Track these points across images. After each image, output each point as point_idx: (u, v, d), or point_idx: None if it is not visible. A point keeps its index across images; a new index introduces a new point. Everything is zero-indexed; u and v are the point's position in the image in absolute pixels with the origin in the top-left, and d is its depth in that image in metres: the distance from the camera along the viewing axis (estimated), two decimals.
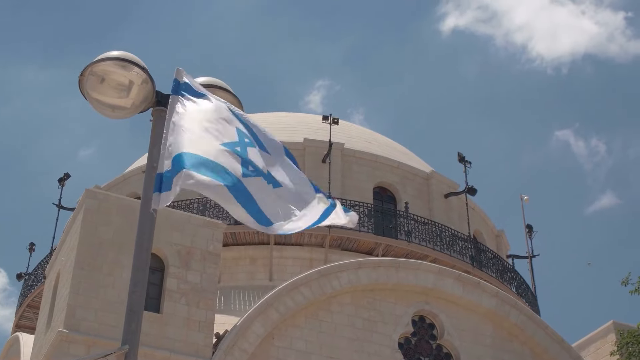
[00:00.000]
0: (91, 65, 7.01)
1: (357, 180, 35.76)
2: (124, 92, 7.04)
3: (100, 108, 7.12)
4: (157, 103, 7.08)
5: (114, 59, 7.00)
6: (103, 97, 7.08)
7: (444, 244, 34.49)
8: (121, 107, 7.10)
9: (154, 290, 25.75)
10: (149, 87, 7.06)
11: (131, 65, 7.00)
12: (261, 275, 32.40)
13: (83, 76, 7.01)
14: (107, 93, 7.08)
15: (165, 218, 26.46)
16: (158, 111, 7.08)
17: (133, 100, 7.08)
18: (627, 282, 24.71)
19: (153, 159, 6.80)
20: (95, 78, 7.02)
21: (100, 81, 7.03)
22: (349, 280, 28.51)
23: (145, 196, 6.73)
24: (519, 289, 36.89)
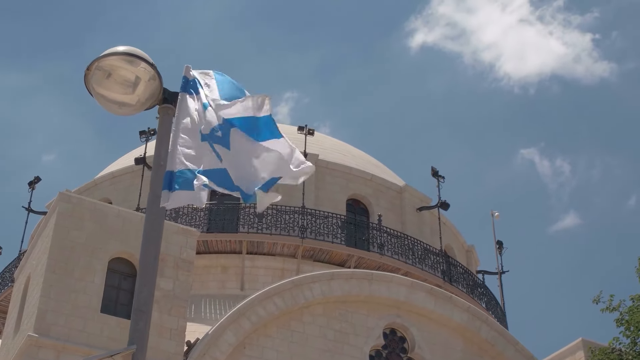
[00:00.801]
0: (98, 60, 6.88)
1: (331, 191, 35.72)
2: (130, 88, 6.92)
3: (106, 104, 6.99)
4: (163, 100, 6.97)
5: (122, 53, 6.87)
6: (108, 93, 6.96)
7: (416, 258, 34.52)
8: (126, 104, 6.98)
9: (126, 297, 25.46)
10: (156, 84, 6.95)
11: (139, 60, 6.89)
12: (232, 284, 32.21)
13: (89, 70, 6.88)
14: (112, 88, 6.94)
15: (138, 224, 26.24)
16: (165, 109, 6.98)
17: (139, 97, 6.96)
18: (599, 301, 24.81)
19: (160, 156, 6.70)
20: (101, 73, 6.89)
21: (107, 76, 6.89)
22: (322, 291, 28.44)
23: (153, 193, 6.62)
24: (489, 304, 37.00)
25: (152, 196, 6.61)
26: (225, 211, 33.28)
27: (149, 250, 6.57)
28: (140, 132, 35.15)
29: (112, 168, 39.12)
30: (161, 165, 6.66)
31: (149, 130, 35.09)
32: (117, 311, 25.05)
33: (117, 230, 25.86)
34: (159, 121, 6.97)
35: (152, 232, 6.56)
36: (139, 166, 35.42)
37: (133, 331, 6.40)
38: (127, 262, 25.90)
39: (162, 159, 6.68)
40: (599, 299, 24.79)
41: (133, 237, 25.97)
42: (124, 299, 25.45)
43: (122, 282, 25.66)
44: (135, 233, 26.03)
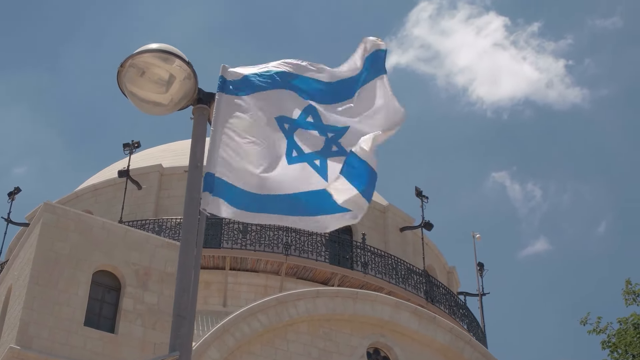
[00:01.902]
0: (132, 57, 6.68)
1: None
2: (163, 87, 6.72)
3: (139, 103, 6.79)
4: (198, 101, 6.78)
5: (158, 51, 6.67)
6: (141, 92, 6.75)
7: (399, 278, 34.38)
8: (159, 104, 6.78)
9: (109, 310, 25.11)
10: (191, 84, 6.75)
11: (175, 58, 6.69)
12: (215, 300, 31.88)
13: (123, 67, 6.68)
14: (145, 87, 6.73)
15: (123, 237, 25.95)
16: (200, 109, 6.77)
17: (172, 97, 6.75)
18: (586, 322, 24.78)
19: (197, 158, 6.51)
20: (135, 70, 6.68)
21: (141, 74, 6.70)
22: (307, 309, 28.22)
23: (190, 196, 6.42)
24: (470, 326, 36.90)
25: (189, 198, 6.41)
26: (209, 226, 32.97)
27: (186, 254, 6.37)
28: (124, 145, 34.83)
29: (94, 180, 38.74)
30: (197, 167, 6.47)
31: (133, 143, 34.79)
32: (101, 324, 24.68)
33: (101, 242, 25.52)
34: (194, 122, 6.75)
35: (189, 236, 6.36)
36: (121, 179, 35.07)
37: (174, 337, 6.17)
38: (111, 274, 25.56)
39: (198, 160, 6.49)
40: (586, 321, 24.77)
41: (118, 249, 25.67)
42: (107, 312, 25.09)
43: (106, 295, 25.30)
44: (120, 246, 25.73)
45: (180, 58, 6.70)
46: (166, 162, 36.58)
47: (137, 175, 34.88)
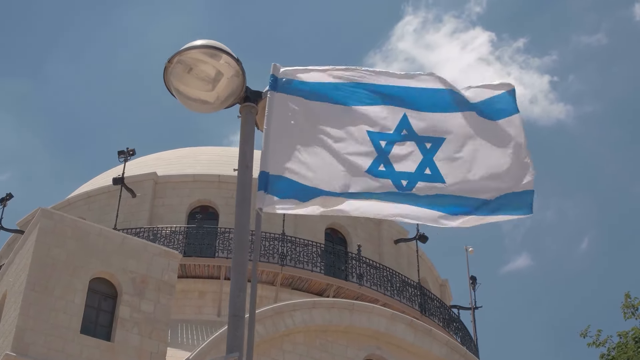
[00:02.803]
0: (180, 53, 6.52)
1: (311, 220, 35.31)
2: (209, 84, 6.56)
3: (185, 101, 6.63)
4: (245, 99, 6.62)
5: (206, 47, 6.51)
6: (186, 89, 6.60)
7: (394, 290, 34.23)
8: (206, 101, 6.62)
9: (106, 318, 24.86)
10: (239, 81, 6.58)
11: (224, 55, 6.53)
12: (209, 310, 31.61)
13: (170, 63, 6.52)
14: (191, 84, 6.57)
15: (120, 244, 25.73)
16: (247, 107, 6.61)
17: (218, 94, 6.58)
18: (586, 335, 24.73)
19: (247, 158, 6.35)
20: (182, 67, 6.52)
21: (188, 70, 6.54)
22: (303, 319, 28.03)
23: (241, 196, 6.26)
24: (464, 339, 36.77)
25: (241, 198, 6.25)
26: (204, 235, 32.76)
27: (240, 253, 6.21)
28: (119, 152, 34.56)
29: (86, 187, 38.46)
30: (247, 167, 6.32)
31: (128, 151, 34.54)
32: (97, 332, 24.43)
33: (98, 249, 25.28)
34: (243, 120, 6.58)
35: (242, 236, 6.20)
36: (115, 186, 34.81)
37: (232, 338, 6.02)
38: (108, 282, 25.32)
39: (248, 160, 6.34)
40: (586, 333, 24.72)
41: (114, 257, 25.44)
42: (103, 320, 24.84)
43: (102, 303, 25.05)
44: (116, 253, 25.50)
45: (229, 54, 6.55)
46: (160, 170, 36.34)
47: (131, 183, 34.63)
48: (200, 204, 35.12)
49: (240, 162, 6.37)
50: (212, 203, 35.11)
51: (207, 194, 35.17)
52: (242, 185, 6.27)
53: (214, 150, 40.84)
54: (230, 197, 35.07)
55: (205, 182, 35.43)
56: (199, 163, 37.31)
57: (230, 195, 35.08)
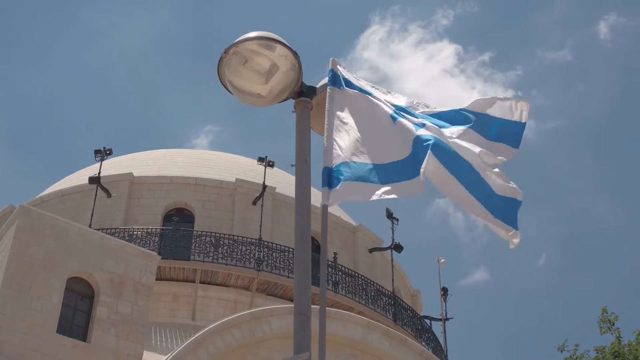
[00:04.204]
0: (236, 44, 6.36)
1: (287, 225, 35.15)
2: (263, 77, 6.42)
3: (238, 93, 6.47)
4: (299, 94, 6.48)
5: (264, 38, 6.36)
6: (240, 81, 6.44)
7: (368, 298, 34.17)
8: (258, 94, 6.48)
9: (82, 318, 24.49)
10: (295, 75, 6.44)
11: (282, 47, 6.39)
12: (184, 314, 31.30)
13: (226, 54, 6.35)
14: (245, 76, 6.43)
15: (99, 244, 25.39)
16: (303, 102, 6.47)
17: (271, 88, 6.44)
18: (563, 349, 24.87)
19: (304, 152, 6.21)
20: (238, 58, 6.37)
21: (243, 62, 6.39)
22: (280, 325, 27.80)
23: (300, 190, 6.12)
24: (434, 350, 36.77)
25: (300, 192, 6.11)
26: (180, 238, 32.46)
27: (302, 250, 6.07)
28: (95, 151, 34.16)
29: (60, 186, 37.95)
30: (306, 162, 6.18)
31: (105, 150, 34.16)
32: (73, 332, 24.05)
33: (77, 248, 24.92)
34: (298, 116, 6.43)
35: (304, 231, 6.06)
36: (90, 185, 34.40)
37: (300, 338, 5.87)
38: (85, 282, 24.97)
39: (306, 155, 6.20)
40: (563, 348, 24.86)
41: (93, 256, 25.10)
42: (80, 320, 24.46)
43: (79, 303, 24.68)
44: (95, 253, 25.16)
45: (287, 47, 6.40)
46: (136, 171, 35.98)
47: (107, 183, 34.24)
48: (176, 206, 34.81)
49: (298, 156, 6.23)
50: (188, 205, 34.82)
51: (183, 196, 34.88)
52: (300, 179, 6.14)
53: (190, 153, 40.57)
54: (207, 200, 34.83)
55: (182, 184, 35.14)
56: (176, 165, 37.00)
57: (206, 199, 34.84)
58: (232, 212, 34.48)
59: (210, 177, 35.85)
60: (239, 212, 34.43)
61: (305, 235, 6.18)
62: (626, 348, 23.58)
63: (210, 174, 36.28)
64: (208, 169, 36.86)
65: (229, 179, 35.73)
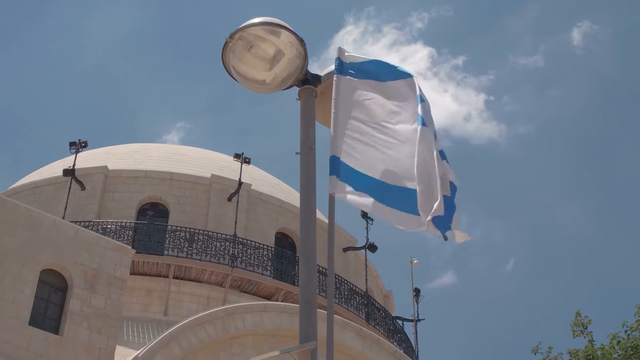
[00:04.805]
0: (242, 29, 6.27)
1: (261, 223, 35.07)
2: (267, 64, 6.34)
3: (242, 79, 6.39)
4: (304, 82, 6.40)
5: (271, 24, 6.28)
6: (243, 67, 6.36)
7: (342, 298, 34.13)
8: (262, 81, 6.39)
9: (55, 311, 24.20)
10: (300, 63, 6.36)
11: (289, 34, 6.31)
12: (156, 308, 31.07)
13: (232, 38, 6.26)
14: (249, 62, 6.34)
15: (73, 236, 25.13)
16: (307, 90, 6.39)
17: (275, 75, 6.36)
18: (537, 351, 24.95)
19: (310, 140, 6.13)
20: (243, 44, 6.28)
21: (248, 48, 6.30)
22: (253, 322, 27.72)
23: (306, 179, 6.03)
24: (406, 351, 36.81)
25: (305, 181, 6.02)
26: (154, 232, 32.23)
27: (308, 238, 5.98)
28: (70, 143, 33.85)
29: (33, 178, 37.55)
30: (311, 149, 6.11)
31: (80, 142, 33.85)
32: (45, 325, 23.76)
33: (51, 240, 24.64)
34: (303, 104, 6.35)
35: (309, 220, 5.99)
36: (64, 178, 34.08)
37: (305, 326, 5.79)
38: (59, 274, 24.69)
39: (311, 142, 6.13)
40: (537, 350, 24.94)
41: (67, 248, 24.83)
42: (52, 313, 24.18)
43: (52, 295, 24.40)
44: (69, 245, 24.89)
45: (294, 34, 6.33)
46: (111, 164, 35.70)
47: (81, 176, 33.94)
48: (151, 200, 34.58)
49: (303, 144, 6.15)
50: (162, 200, 34.60)
51: (158, 191, 34.66)
52: (305, 167, 6.05)
53: (165, 148, 40.34)
54: (182, 195, 34.64)
55: (157, 178, 34.91)
56: (151, 159, 36.75)
57: (181, 194, 34.65)
58: (207, 208, 34.31)
59: (186, 172, 35.66)
60: (214, 208, 34.27)
61: (310, 223, 6.09)
62: (599, 351, 23.70)
63: (186, 169, 36.09)
64: (183, 164, 36.65)
65: (204, 174, 35.55)
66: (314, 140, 6.20)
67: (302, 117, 6.28)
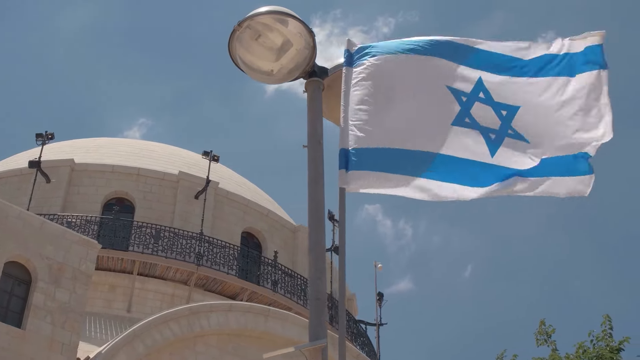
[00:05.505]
0: (251, 18, 6.13)
1: (228, 222, 34.84)
2: (274, 54, 6.20)
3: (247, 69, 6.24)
4: (311, 74, 6.27)
5: (281, 13, 6.13)
6: (249, 56, 6.22)
7: (306, 299, 33.97)
8: (268, 72, 6.26)
9: (18, 304, 23.81)
10: (308, 54, 6.24)
11: (298, 25, 6.17)
12: (119, 305, 30.71)
13: (240, 27, 6.12)
14: (256, 52, 6.20)
15: (39, 229, 24.75)
16: (314, 83, 6.26)
17: (282, 65, 6.23)
18: (502, 359, 24.95)
19: (318, 133, 6.00)
20: (251, 32, 6.14)
21: (256, 37, 6.16)
22: (218, 322, 27.49)
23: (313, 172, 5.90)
24: (369, 355, 36.74)
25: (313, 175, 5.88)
26: (120, 228, 31.87)
27: (316, 234, 5.84)
28: (37, 135, 33.39)
29: None
30: (319, 143, 5.98)
31: (47, 134, 33.40)
32: (8, 318, 23.36)
33: (16, 232, 24.25)
34: (310, 96, 6.21)
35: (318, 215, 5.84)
36: (29, 170, 33.60)
37: (315, 324, 5.65)
38: (23, 267, 24.30)
39: (319, 136, 5.99)
40: (502, 357, 24.93)
41: (32, 241, 24.46)
42: (15, 306, 23.78)
43: (16, 288, 24.00)
44: (34, 237, 24.52)
45: (304, 25, 6.20)
46: (77, 157, 35.26)
47: (47, 168, 33.48)
48: (117, 195, 34.21)
49: (311, 138, 6.01)
50: (128, 196, 34.24)
51: (124, 186, 34.29)
52: (313, 161, 5.92)
53: (133, 143, 39.94)
54: (149, 191, 34.30)
55: (124, 174, 34.54)
56: (118, 154, 36.37)
57: (148, 190, 34.31)
58: (173, 205, 34.02)
59: (153, 168, 35.33)
60: (181, 205, 33.98)
61: (320, 219, 5.95)
62: None
63: (153, 165, 35.75)
64: (151, 160, 36.30)
65: (172, 171, 35.25)
66: (321, 133, 6.07)
67: (309, 110, 6.15)
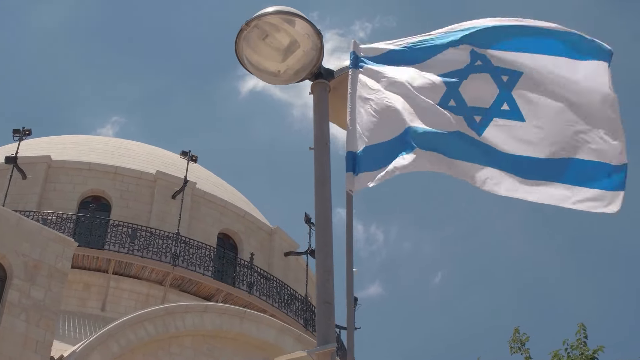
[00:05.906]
0: (259, 17, 6.09)
1: (204, 222, 34.71)
2: (280, 55, 6.17)
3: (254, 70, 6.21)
4: (317, 76, 6.24)
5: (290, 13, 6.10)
6: (256, 57, 6.18)
7: (282, 302, 33.92)
8: (274, 72, 6.23)
9: None
10: (315, 56, 6.21)
11: (307, 26, 6.14)
12: (94, 304, 30.48)
13: (248, 25, 6.08)
14: (262, 52, 6.17)
15: (15, 225, 24.53)
16: (321, 85, 6.22)
17: (288, 66, 6.20)
18: None
19: (325, 135, 5.96)
20: (259, 32, 6.10)
21: (263, 37, 6.13)
22: (193, 322, 27.39)
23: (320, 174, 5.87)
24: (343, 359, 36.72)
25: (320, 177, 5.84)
26: (96, 226, 31.65)
27: (324, 236, 5.80)
28: (14, 130, 33.10)
29: None
30: (326, 145, 5.95)
31: (24, 130, 33.13)
32: None
33: None
34: (316, 98, 6.16)
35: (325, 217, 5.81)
36: (4, 166, 33.30)
37: (324, 328, 5.61)
38: None
39: (326, 138, 5.96)
40: None
41: (8, 237, 24.22)
42: None
43: None
44: (10, 234, 24.29)
45: (313, 26, 6.17)
46: (54, 154, 34.99)
47: (23, 164, 33.18)
48: (94, 193, 33.97)
49: (318, 140, 5.97)
50: (105, 194, 34.02)
51: (101, 184, 34.07)
52: (320, 163, 5.89)
53: (110, 141, 39.71)
54: (126, 190, 34.11)
55: (101, 172, 34.32)
56: (95, 152, 36.13)
57: (125, 189, 34.12)
58: (150, 205, 33.85)
59: (131, 167, 35.12)
60: (158, 204, 33.81)
61: (327, 220, 5.91)
62: None
63: (131, 164, 35.55)
64: (128, 159, 36.10)
65: (149, 170, 35.07)
66: (328, 135, 6.04)
67: (315, 111, 6.12)
